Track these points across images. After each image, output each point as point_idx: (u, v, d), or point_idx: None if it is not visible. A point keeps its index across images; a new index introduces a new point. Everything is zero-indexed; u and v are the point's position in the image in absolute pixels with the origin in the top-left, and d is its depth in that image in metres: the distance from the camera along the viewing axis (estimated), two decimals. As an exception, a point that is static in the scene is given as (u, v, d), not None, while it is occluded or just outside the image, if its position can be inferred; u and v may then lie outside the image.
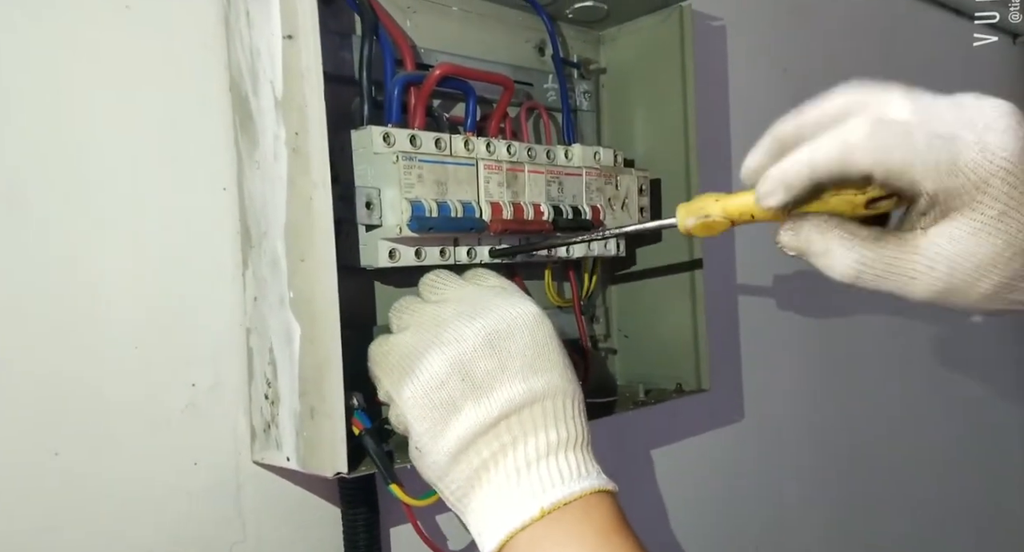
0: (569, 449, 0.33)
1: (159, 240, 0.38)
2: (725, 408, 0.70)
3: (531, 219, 0.44)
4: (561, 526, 0.31)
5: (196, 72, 0.39)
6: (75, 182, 0.36)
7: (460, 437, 0.32)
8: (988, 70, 1.15)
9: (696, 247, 0.54)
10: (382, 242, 0.39)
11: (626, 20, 0.55)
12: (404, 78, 0.41)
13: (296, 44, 0.35)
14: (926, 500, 0.97)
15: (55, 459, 0.35)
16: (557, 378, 0.34)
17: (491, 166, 0.43)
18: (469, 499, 0.33)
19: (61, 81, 0.36)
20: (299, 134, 0.35)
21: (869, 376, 0.87)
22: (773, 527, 0.74)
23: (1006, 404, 1.17)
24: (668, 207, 0.55)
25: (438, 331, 0.34)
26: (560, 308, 0.53)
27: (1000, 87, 1.16)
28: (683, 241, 0.55)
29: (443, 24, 0.48)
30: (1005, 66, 1.18)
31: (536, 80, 0.53)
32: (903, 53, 0.90)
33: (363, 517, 0.42)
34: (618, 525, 0.32)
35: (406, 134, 0.40)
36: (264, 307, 0.39)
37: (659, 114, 0.55)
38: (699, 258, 0.54)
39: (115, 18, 0.37)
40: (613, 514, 0.32)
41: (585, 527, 0.31)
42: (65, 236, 0.36)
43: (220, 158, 0.40)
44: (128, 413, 0.37)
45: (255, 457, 0.40)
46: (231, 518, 0.40)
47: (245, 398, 0.40)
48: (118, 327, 0.37)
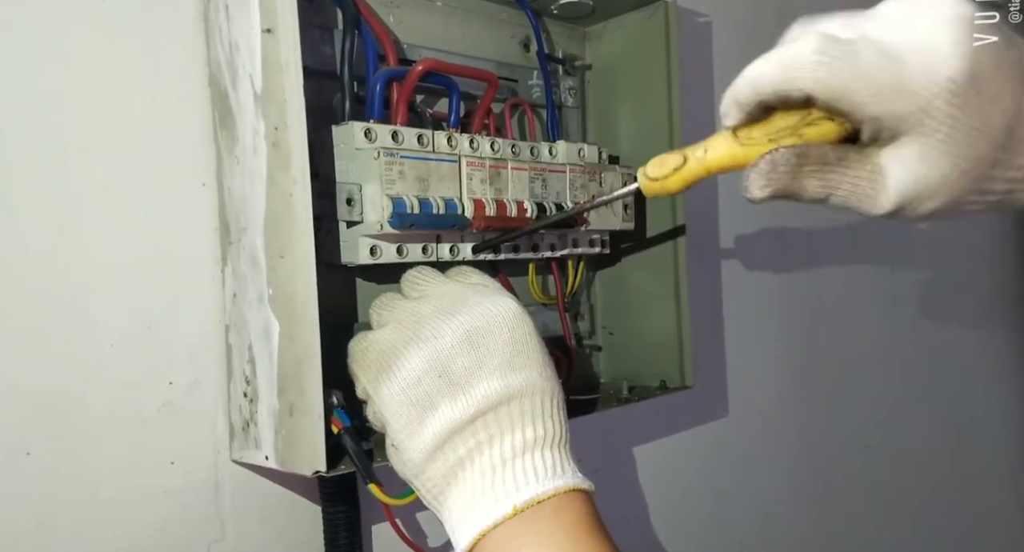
0: (545, 447, 0.33)
1: (137, 237, 0.38)
2: (709, 405, 0.70)
3: (514, 216, 0.43)
4: (532, 525, 0.30)
5: (174, 67, 0.39)
6: (52, 179, 0.35)
7: (436, 434, 0.32)
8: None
9: (680, 245, 0.54)
10: (363, 238, 0.39)
11: (611, 16, 0.55)
12: (386, 73, 0.41)
13: (275, 38, 0.35)
14: (910, 495, 0.98)
15: (27, 459, 0.34)
16: (536, 376, 0.34)
17: (474, 163, 0.42)
18: (445, 497, 0.33)
19: (34, 77, 0.35)
20: (279, 129, 0.35)
21: (853, 372, 0.88)
22: (757, 522, 0.75)
23: (990, 399, 1.18)
24: (651, 203, 0.55)
25: (417, 328, 0.34)
26: (544, 305, 0.53)
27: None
28: (668, 239, 0.55)
29: (427, 19, 0.48)
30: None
31: (521, 76, 0.52)
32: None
33: (344, 515, 0.42)
34: (589, 525, 0.32)
35: (388, 130, 0.39)
36: (243, 304, 0.38)
37: (644, 110, 0.55)
38: (684, 256, 0.55)
39: (88, 11, 0.36)
40: (585, 513, 0.32)
41: (555, 527, 0.30)
42: (41, 233, 0.35)
43: (199, 154, 0.39)
44: (103, 412, 0.36)
45: (234, 456, 0.40)
46: (210, 517, 0.40)
47: (224, 396, 0.40)
48: (94, 324, 0.36)
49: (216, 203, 0.40)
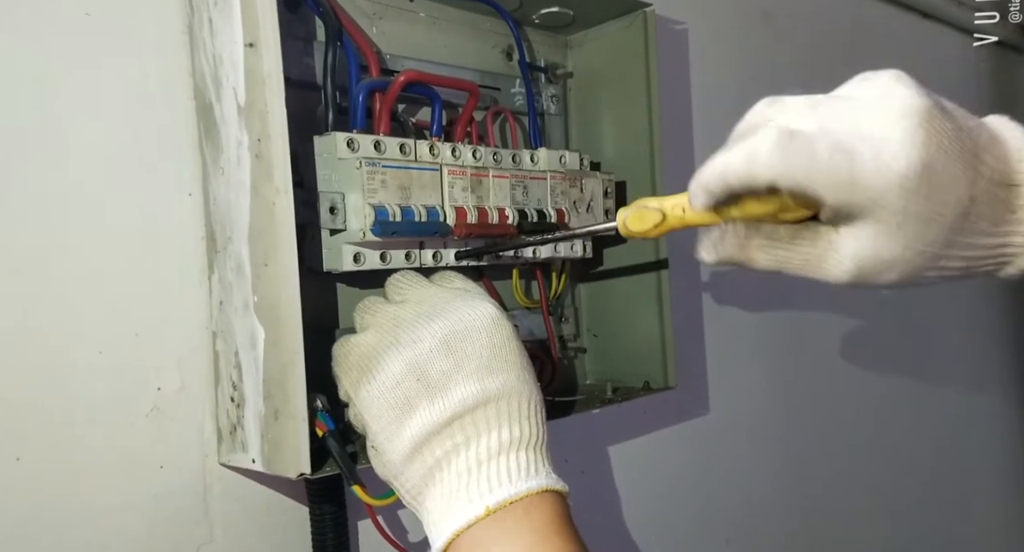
0: (521, 449, 0.34)
1: (125, 245, 0.38)
2: (690, 403, 0.71)
3: (495, 223, 0.44)
4: (502, 525, 0.31)
5: (160, 79, 0.40)
6: (41, 188, 0.36)
7: (414, 436, 0.33)
8: (956, 74, 1.18)
9: (662, 248, 0.55)
10: (346, 246, 0.40)
11: (592, 25, 0.56)
12: (368, 85, 0.42)
13: (258, 52, 0.36)
14: (893, 492, 1.00)
15: (17, 464, 0.35)
16: (513, 379, 0.35)
17: (455, 171, 0.43)
18: (424, 497, 0.34)
19: (22, 89, 0.36)
20: (262, 140, 0.36)
21: (834, 370, 0.89)
22: (740, 513, 0.76)
23: (974, 398, 1.20)
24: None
25: (397, 332, 0.35)
26: (528, 309, 0.54)
27: (966, 92, 1.19)
28: (650, 242, 0.56)
29: (410, 30, 0.49)
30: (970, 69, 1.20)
31: (504, 84, 0.53)
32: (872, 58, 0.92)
33: (330, 515, 0.43)
34: (559, 525, 0.32)
35: (370, 140, 0.40)
36: (229, 311, 0.39)
37: (625, 116, 0.56)
38: (665, 258, 0.56)
39: (74, 25, 0.37)
40: (556, 514, 0.33)
41: (524, 527, 0.31)
42: (31, 241, 0.36)
43: (185, 164, 0.40)
44: (93, 417, 0.37)
45: (222, 459, 0.41)
46: (198, 520, 0.41)
47: (211, 401, 0.41)
48: (83, 332, 0.37)
49: (202, 212, 0.41)
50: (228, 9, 0.36)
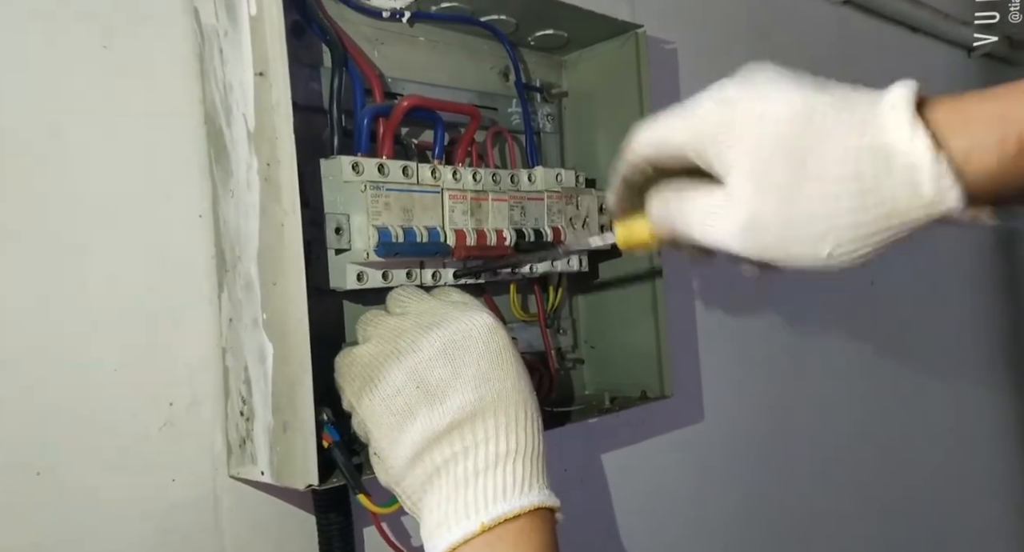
0: (517, 460, 0.35)
1: (139, 265, 0.40)
2: (686, 412, 0.72)
3: (493, 245, 0.46)
4: (495, 549, 0.32)
5: (172, 106, 0.41)
6: (60, 211, 0.38)
7: (415, 443, 0.35)
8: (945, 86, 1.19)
9: (657, 261, 0.57)
10: (351, 266, 0.42)
11: (586, 46, 0.58)
12: (373, 109, 0.43)
13: (267, 80, 0.37)
14: (889, 499, 1.01)
15: (37, 478, 0.36)
16: (509, 388, 0.36)
17: (456, 196, 0.45)
18: (424, 504, 0.35)
19: (41, 117, 0.37)
20: (271, 165, 0.38)
21: (827, 378, 0.91)
22: (734, 517, 0.77)
23: (966, 406, 1.21)
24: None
25: (397, 342, 0.37)
26: (527, 322, 0.55)
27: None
28: (645, 255, 0.57)
29: (410, 53, 0.50)
30: (961, 81, 1.23)
31: (501, 105, 0.55)
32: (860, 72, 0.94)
33: (337, 524, 0.44)
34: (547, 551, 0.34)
35: (375, 163, 0.42)
36: (239, 328, 0.41)
37: (619, 133, 0.57)
38: (660, 270, 0.57)
39: (93, 57, 0.39)
40: (543, 541, 0.34)
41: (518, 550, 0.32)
42: (48, 262, 0.37)
43: (196, 187, 0.42)
44: (108, 432, 0.39)
45: (232, 472, 0.42)
46: (209, 531, 0.42)
47: (222, 415, 0.42)
48: (99, 350, 0.38)
49: (212, 233, 0.42)
50: (238, 40, 0.38)
